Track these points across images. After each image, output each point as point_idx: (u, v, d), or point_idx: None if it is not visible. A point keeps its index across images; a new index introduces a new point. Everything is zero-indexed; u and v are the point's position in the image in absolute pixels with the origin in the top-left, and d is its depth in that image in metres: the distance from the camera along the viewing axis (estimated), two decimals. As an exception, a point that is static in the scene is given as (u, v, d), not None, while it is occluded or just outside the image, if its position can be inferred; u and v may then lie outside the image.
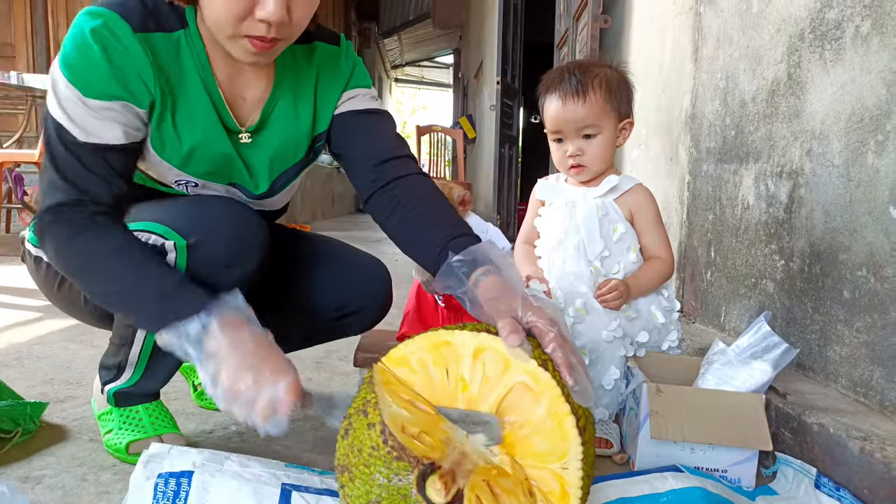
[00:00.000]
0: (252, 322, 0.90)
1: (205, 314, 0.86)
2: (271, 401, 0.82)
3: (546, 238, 1.51)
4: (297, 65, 1.13)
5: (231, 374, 0.83)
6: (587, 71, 1.39)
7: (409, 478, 0.74)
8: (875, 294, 1.20)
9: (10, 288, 2.83)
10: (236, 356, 0.84)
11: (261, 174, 1.14)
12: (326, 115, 1.16)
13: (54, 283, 1.14)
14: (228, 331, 0.86)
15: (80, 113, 0.95)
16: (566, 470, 0.78)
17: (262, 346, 0.87)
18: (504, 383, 0.81)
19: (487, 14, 7.26)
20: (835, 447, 1.08)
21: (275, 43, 0.95)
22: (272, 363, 0.85)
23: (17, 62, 6.10)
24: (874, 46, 1.22)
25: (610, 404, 1.33)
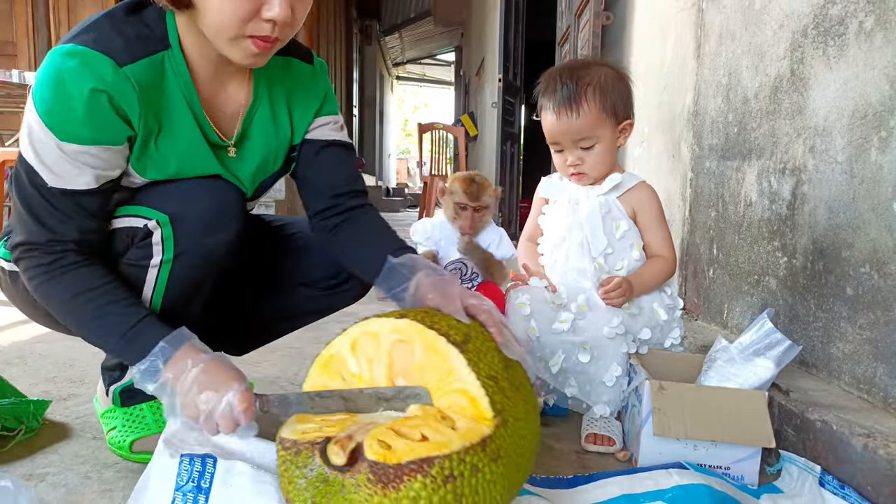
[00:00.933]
0: (197, 348, 0.94)
1: (150, 357, 0.91)
2: (225, 412, 0.86)
3: (549, 235, 1.51)
4: (272, 77, 1.14)
5: (183, 400, 0.88)
6: (580, 78, 1.37)
7: (316, 462, 0.79)
8: (878, 291, 1.20)
9: (12, 286, 2.83)
10: (184, 384, 0.88)
11: (247, 183, 1.15)
12: (300, 129, 1.18)
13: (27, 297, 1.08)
14: (172, 365, 0.90)
15: (54, 157, 0.93)
16: (463, 381, 0.85)
17: (206, 368, 0.90)
18: (383, 351, 0.90)
19: (489, 11, 7.25)
20: (838, 444, 1.08)
21: (275, 43, 0.97)
22: (218, 378, 0.89)
23: (19, 60, 6.10)
24: (878, 42, 1.22)
25: (612, 401, 1.33)
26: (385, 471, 0.75)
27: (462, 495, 0.76)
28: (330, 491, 0.78)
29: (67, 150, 0.93)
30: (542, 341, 1.35)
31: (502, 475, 0.81)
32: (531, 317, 1.35)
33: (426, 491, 0.74)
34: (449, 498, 0.75)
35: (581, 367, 1.33)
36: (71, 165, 0.94)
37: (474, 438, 0.79)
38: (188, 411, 0.88)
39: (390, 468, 0.75)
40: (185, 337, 0.94)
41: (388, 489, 0.74)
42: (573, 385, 1.35)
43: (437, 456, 0.75)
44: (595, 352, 1.32)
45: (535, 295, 1.38)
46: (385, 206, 12.40)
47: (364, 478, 0.76)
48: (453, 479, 0.76)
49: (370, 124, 15.19)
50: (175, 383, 0.89)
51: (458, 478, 0.76)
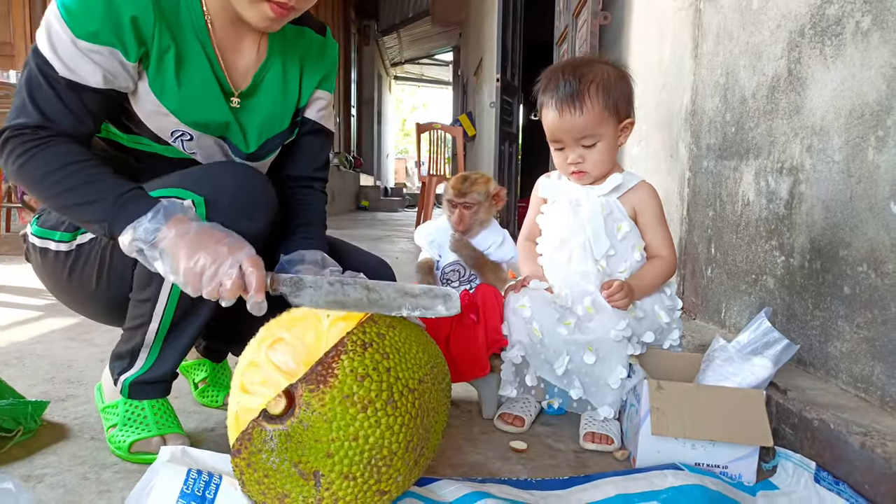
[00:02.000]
0: (198, 219, 0.97)
1: (151, 213, 0.93)
2: (233, 273, 0.89)
3: (549, 235, 1.50)
4: (286, 42, 1.23)
5: (186, 257, 0.90)
6: (583, 76, 1.36)
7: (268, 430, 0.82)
8: (875, 290, 1.20)
9: (10, 287, 2.83)
10: (187, 241, 0.91)
11: (251, 136, 1.20)
12: (305, 95, 1.27)
13: (63, 274, 1.15)
14: (175, 224, 0.92)
15: (68, 51, 0.99)
16: (329, 315, 0.92)
17: (212, 231, 0.93)
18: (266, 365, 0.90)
19: (487, 11, 7.25)
20: (835, 443, 1.08)
21: (290, 11, 1.06)
22: (225, 241, 0.92)
23: (17, 61, 6.10)
24: (874, 42, 1.22)
25: (615, 403, 1.33)
26: (315, 373, 0.81)
27: (386, 353, 0.85)
28: (298, 439, 0.81)
29: (81, 46, 0.99)
30: (545, 343, 1.34)
31: (408, 338, 0.91)
32: (532, 319, 1.35)
33: (355, 361, 0.82)
34: (377, 357, 0.84)
35: (586, 369, 1.33)
36: (83, 61, 1.00)
37: (360, 318, 0.89)
38: (190, 273, 0.89)
39: (317, 367, 0.82)
40: (181, 205, 0.97)
41: (327, 381, 0.81)
42: (578, 387, 1.35)
43: (343, 337, 0.85)
44: (600, 353, 1.32)
45: (535, 297, 1.38)
46: (383, 206, 12.41)
47: (307, 395, 0.81)
48: (369, 345, 0.84)
49: (368, 124, 15.18)
50: (179, 240, 0.91)
51: (372, 342, 0.85)
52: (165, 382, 1.18)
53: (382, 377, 0.83)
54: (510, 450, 1.27)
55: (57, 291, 1.21)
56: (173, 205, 0.96)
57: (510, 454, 1.25)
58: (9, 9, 6.18)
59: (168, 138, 1.12)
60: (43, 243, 1.15)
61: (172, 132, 1.12)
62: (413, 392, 0.86)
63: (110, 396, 1.21)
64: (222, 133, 1.17)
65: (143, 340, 1.13)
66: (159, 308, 1.09)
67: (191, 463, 0.98)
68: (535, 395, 1.45)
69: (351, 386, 0.81)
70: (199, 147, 1.15)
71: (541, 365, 1.36)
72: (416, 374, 0.88)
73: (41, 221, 1.17)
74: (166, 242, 0.91)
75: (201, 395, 1.46)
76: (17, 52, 6.18)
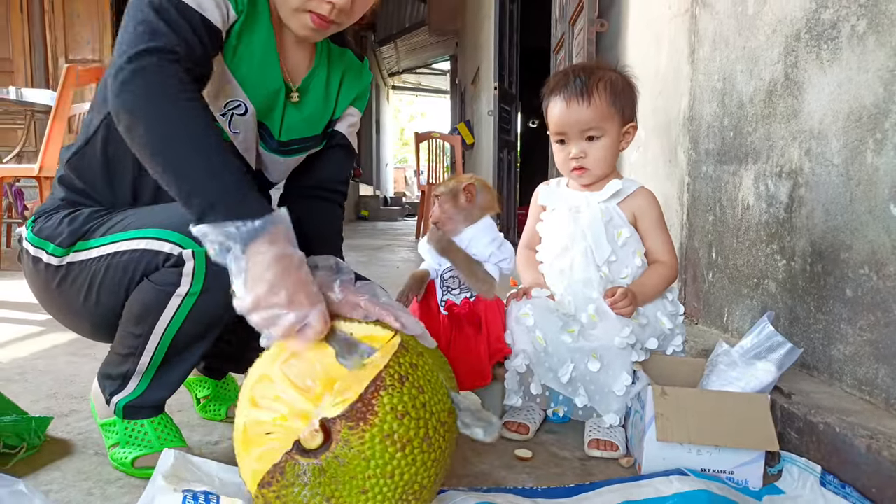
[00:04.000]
0: (294, 242, 0.92)
1: (261, 221, 0.87)
2: (299, 322, 0.86)
3: (549, 243, 1.50)
4: (331, 57, 1.28)
5: (269, 286, 0.85)
6: (592, 73, 1.40)
7: (302, 464, 0.81)
8: (878, 292, 1.20)
9: (12, 302, 2.83)
10: (278, 270, 0.86)
11: (287, 127, 1.22)
12: (341, 107, 1.31)
13: (51, 285, 1.12)
14: (278, 244, 0.87)
15: None
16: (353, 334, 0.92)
17: (300, 269, 0.90)
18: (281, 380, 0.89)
19: (483, 20, 7.28)
20: (841, 446, 1.08)
21: (330, 24, 1.09)
22: (307, 290, 0.89)
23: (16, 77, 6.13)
24: (870, 45, 1.23)
25: (620, 410, 1.32)
26: (355, 410, 0.80)
27: (421, 386, 0.85)
28: (333, 474, 0.80)
29: None
30: (549, 351, 1.34)
31: (432, 364, 0.91)
32: (536, 327, 1.35)
33: (395, 397, 0.81)
34: (414, 392, 0.83)
35: (591, 377, 1.33)
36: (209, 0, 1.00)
37: (393, 348, 0.88)
38: (260, 303, 0.85)
39: (357, 404, 0.81)
40: (286, 224, 0.91)
41: (368, 420, 0.80)
42: (583, 394, 1.35)
43: (380, 371, 0.83)
44: (605, 360, 1.32)
45: (538, 305, 1.38)
46: (383, 216, 12.43)
47: (345, 432, 0.80)
48: (406, 378, 0.84)
49: (367, 134, 15.22)
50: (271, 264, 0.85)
51: (408, 375, 0.85)
52: (160, 405, 1.17)
53: (420, 413, 0.83)
54: (515, 458, 1.26)
55: (43, 300, 1.20)
56: (283, 218, 0.90)
57: (515, 462, 1.25)
58: (8, 24, 6.21)
59: (218, 110, 1.10)
60: (36, 252, 1.13)
61: (228, 103, 1.10)
62: (444, 425, 0.87)
63: (104, 414, 1.19)
64: (264, 117, 1.18)
65: (134, 369, 1.11)
66: (151, 345, 1.07)
67: (192, 473, 0.98)
68: (540, 403, 1.44)
69: (391, 425, 0.80)
70: (245, 127, 1.14)
71: (545, 373, 1.36)
72: (445, 406, 0.88)
73: (37, 229, 1.14)
74: (257, 258, 0.86)
75: (203, 410, 1.45)
76: (17, 68, 6.21)
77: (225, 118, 1.12)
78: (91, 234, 1.09)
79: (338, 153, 1.33)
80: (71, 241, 1.09)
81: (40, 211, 1.18)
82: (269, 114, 1.18)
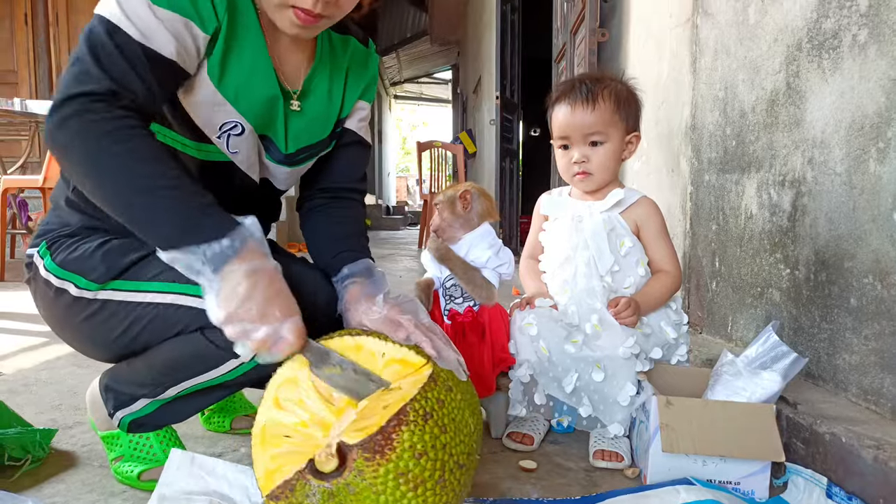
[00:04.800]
0: (267, 254, 0.91)
1: (228, 239, 0.87)
2: (271, 336, 0.86)
3: (552, 253, 1.51)
4: (334, 50, 1.20)
5: (240, 301, 0.85)
6: (598, 81, 1.41)
7: (313, 485, 0.80)
8: (882, 301, 1.20)
9: (15, 313, 2.83)
10: (248, 285, 0.86)
11: (292, 137, 1.16)
12: (349, 104, 1.24)
13: (79, 315, 1.06)
14: (248, 258, 0.87)
15: (143, 15, 0.91)
16: (385, 352, 0.92)
17: (275, 281, 0.89)
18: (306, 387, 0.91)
19: (485, 30, 7.32)
20: (847, 456, 1.07)
21: (319, 19, 1.00)
22: (282, 301, 0.88)
23: (20, 89, 6.16)
24: (872, 55, 1.23)
25: (625, 420, 1.32)
26: (374, 442, 0.79)
27: (445, 425, 0.83)
28: (341, 500, 0.80)
29: (157, 12, 0.92)
30: (553, 361, 1.34)
31: (462, 401, 0.89)
32: (539, 337, 1.35)
33: (416, 435, 0.80)
34: (436, 431, 0.82)
35: (595, 387, 1.33)
36: (158, 29, 0.92)
37: (423, 380, 0.87)
38: (233, 318, 0.85)
39: (376, 436, 0.79)
40: (255, 237, 0.90)
41: (385, 454, 0.79)
42: (587, 404, 1.34)
43: (406, 404, 0.82)
44: (609, 371, 1.32)
45: (541, 315, 1.38)
46: (386, 225, 12.44)
47: (360, 461, 0.79)
48: (430, 416, 0.82)
49: (369, 143, 15.24)
50: (242, 278, 0.85)
51: (433, 412, 0.83)
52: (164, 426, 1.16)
53: (438, 455, 0.81)
54: (520, 469, 1.26)
55: (59, 328, 1.13)
56: (251, 231, 0.90)
57: (520, 474, 1.24)
58: (12, 36, 6.25)
59: (213, 133, 1.05)
60: (61, 283, 1.06)
61: (222, 125, 1.05)
62: (461, 468, 0.85)
63: (105, 427, 1.17)
64: (265, 130, 1.12)
65: (148, 396, 1.08)
66: (182, 387, 1.05)
67: (198, 478, 0.99)
68: (544, 413, 1.44)
69: (407, 463, 0.79)
70: (244, 145, 1.09)
71: (549, 383, 1.36)
72: (466, 448, 0.87)
73: (60, 259, 1.06)
74: (229, 276, 0.86)
75: (207, 422, 1.45)
76: (21, 79, 6.25)
77: (221, 140, 1.07)
78: (135, 275, 1.03)
79: (351, 151, 1.27)
80: (108, 278, 1.03)
81: (50, 233, 1.11)
82: (271, 126, 1.13)
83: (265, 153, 1.16)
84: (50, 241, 1.10)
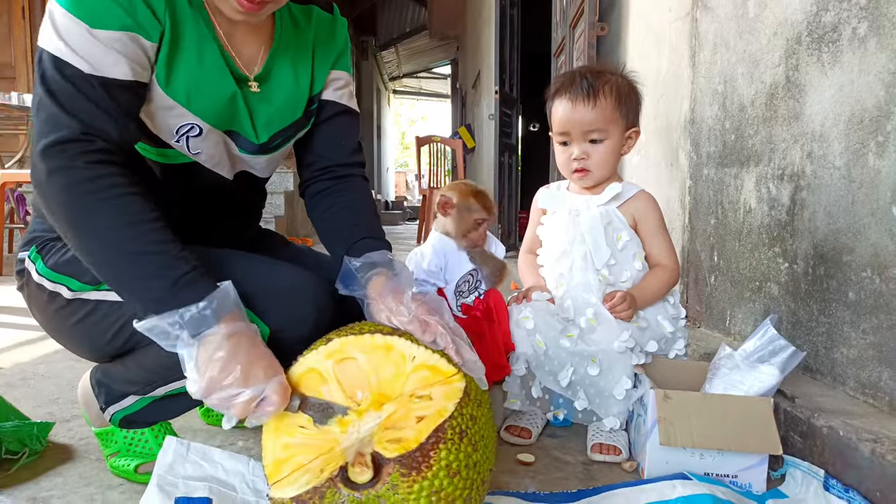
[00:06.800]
0: (245, 317, 0.90)
1: (205, 302, 0.86)
2: (256, 398, 0.84)
3: (549, 247, 1.50)
4: (295, 25, 1.14)
5: (221, 366, 0.83)
6: (598, 76, 1.40)
7: (343, 494, 0.80)
8: (881, 295, 1.20)
9: (13, 308, 2.83)
10: (228, 349, 0.84)
11: (261, 125, 1.11)
12: (320, 79, 1.18)
13: (72, 317, 1.06)
14: (226, 322, 0.86)
15: (85, 44, 0.88)
16: (415, 356, 0.89)
17: (254, 343, 0.88)
18: (330, 378, 0.89)
19: (484, 25, 7.30)
20: (845, 450, 1.07)
21: (262, 5, 0.95)
22: (262, 362, 0.87)
23: (17, 83, 6.15)
24: (871, 48, 1.23)
25: (621, 413, 1.32)
26: (412, 458, 0.79)
27: (476, 442, 0.84)
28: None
29: (100, 36, 0.89)
30: (549, 354, 1.34)
31: (486, 415, 0.90)
32: (536, 331, 1.35)
33: (452, 454, 0.80)
34: (469, 450, 0.83)
35: (590, 380, 1.33)
36: (105, 53, 0.89)
37: (458, 394, 0.86)
38: (215, 384, 0.83)
39: (415, 453, 0.79)
40: (232, 301, 0.88)
41: (421, 471, 0.79)
42: (583, 397, 1.34)
43: (445, 420, 0.82)
44: (604, 364, 1.32)
45: (537, 308, 1.38)
46: (385, 220, 12.43)
47: (396, 476, 0.79)
48: (465, 433, 0.83)
49: (368, 138, 15.24)
50: (222, 342, 0.84)
51: (468, 430, 0.84)
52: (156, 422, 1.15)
53: (469, 474, 0.82)
54: (518, 462, 1.26)
55: (54, 331, 1.12)
56: (227, 297, 0.88)
57: (518, 467, 1.24)
58: (10, 30, 6.23)
59: (171, 138, 1.03)
60: (54, 287, 1.06)
61: (178, 128, 1.02)
62: (484, 483, 0.86)
63: (99, 423, 1.16)
64: (230, 125, 1.08)
65: (139, 393, 1.08)
66: (173, 386, 1.04)
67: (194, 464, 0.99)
68: (541, 406, 1.44)
69: (442, 481, 0.79)
70: (206, 144, 1.06)
71: (545, 376, 1.36)
72: (490, 464, 0.88)
73: (51, 263, 1.06)
74: (207, 340, 0.84)
75: (206, 416, 1.45)
76: (19, 73, 6.23)
77: (181, 143, 1.04)
78: None
79: (337, 123, 1.21)
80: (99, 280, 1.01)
81: (39, 238, 1.10)
82: (234, 121, 1.08)
83: (236, 148, 1.12)
84: (40, 246, 1.10)
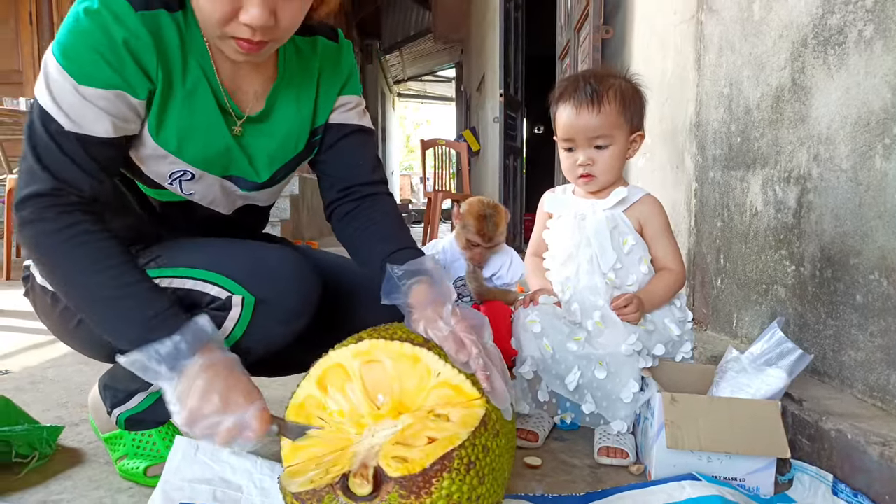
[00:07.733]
0: (222, 347, 0.92)
1: (179, 335, 0.88)
2: (238, 425, 0.85)
3: (555, 250, 1.50)
4: (300, 56, 1.14)
5: (200, 395, 0.85)
6: (602, 80, 1.39)
7: (341, 499, 0.79)
8: (888, 298, 1.20)
9: (22, 312, 2.84)
10: (207, 378, 0.86)
11: (261, 164, 1.12)
12: (325, 109, 1.18)
13: (75, 319, 1.08)
14: (202, 353, 0.88)
15: (71, 101, 0.91)
16: (441, 373, 0.88)
17: (232, 371, 0.89)
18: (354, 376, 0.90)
19: (488, 28, 7.31)
20: (853, 453, 1.07)
21: (262, 45, 0.95)
22: (241, 389, 0.88)
23: (26, 88, 6.18)
24: (878, 51, 1.23)
25: (628, 417, 1.32)
26: (413, 481, 0.78)
27: (484, 475, 0.82)
28: None
29: (85, 93, 0.91)
30: (556, 358, 1.34)
31: (502, 446, 0.87)
32: (543, 334, 1.35)
33: (455, 484, 0.79)
34: (475, 482, 0.80)
35: (598, 384, 1.33)
36: (88, 110, 0.92)
37: (475, 421, 0.84)
38: (196, 413, 0.85)
39: (417, 477, 0.78)
40: (207, 333, 0.91)
41: (420, 497, 0.77)
42: (590, 401, 1.34)
43: (454, 449, 0.80)
44: (611, 368, 1.32)
45: (544, 312, 1.38)
46: (389, 223, 12.43)
47: (395, 496, 0.78)
48: (473, 465, 0.81)
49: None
50: (201, 372, 0.86)
51: (477, 461, 0.81)
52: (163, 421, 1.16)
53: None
54: (525, 466, 1.26)
55: (63, 335, 1.15)
56: (201, 329, 0.90)
57: (525, 470, 1.24)
58: (17, 36, 6.27)
59: (164, 181, 1.06)
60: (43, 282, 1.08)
61: (171, 174, 1.05)
62: None
63: (106, 428, 1.18)
64: (226, 171, 1.10)
65: (144, 389, 1.09)
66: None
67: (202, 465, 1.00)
68: (548, 410, 1.44)
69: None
70: (199, 186, 1.09)
71: (552, 380, 1.36)
72: (498, 497, 0.86)
73: None
74: (185, 371, 0.86)
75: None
76: (27, 79, 6.27)
77: (174, 185, 1.06)
78: None
79: (350, 143, 1.20)
80: None
81: None
82: (231, 168, 1.09)
83: (237, 188, 1.13)
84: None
